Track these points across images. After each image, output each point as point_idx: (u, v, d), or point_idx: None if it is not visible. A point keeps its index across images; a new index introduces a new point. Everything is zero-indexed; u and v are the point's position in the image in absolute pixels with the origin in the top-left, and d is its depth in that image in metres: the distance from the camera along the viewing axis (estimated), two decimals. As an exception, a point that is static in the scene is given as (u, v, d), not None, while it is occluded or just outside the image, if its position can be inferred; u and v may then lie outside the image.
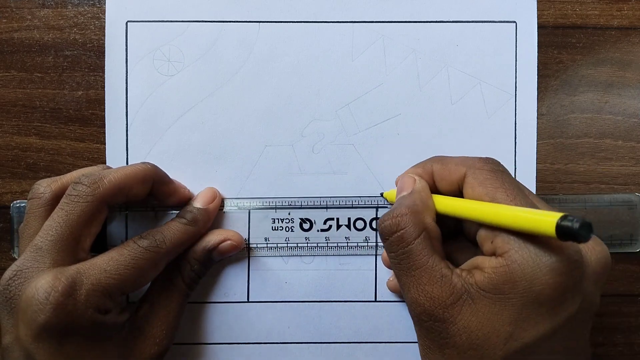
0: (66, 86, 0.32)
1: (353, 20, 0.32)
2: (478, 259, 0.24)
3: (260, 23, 0.32)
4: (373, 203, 0.32)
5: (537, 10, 0.32)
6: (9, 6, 0.32)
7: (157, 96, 0.32)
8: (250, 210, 0.32)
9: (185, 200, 0.31)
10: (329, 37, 0.32)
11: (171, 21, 0.32)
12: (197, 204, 0.30)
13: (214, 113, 0.32)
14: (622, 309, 0.32)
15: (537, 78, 0.32)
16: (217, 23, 0.32)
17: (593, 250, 0.24)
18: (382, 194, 0.32)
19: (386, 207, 0.32)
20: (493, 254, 0.23)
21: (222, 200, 0.32)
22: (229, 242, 0.30)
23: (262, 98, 0.32)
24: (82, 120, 0.32)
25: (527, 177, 0.32)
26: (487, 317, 0.22)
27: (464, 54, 0.32)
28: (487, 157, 0.26)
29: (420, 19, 0.32)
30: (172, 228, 0.29)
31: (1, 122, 0.32)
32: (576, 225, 0.19)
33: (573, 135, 0.32)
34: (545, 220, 0.20)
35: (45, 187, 0.28)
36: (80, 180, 0.27)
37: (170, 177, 0.31)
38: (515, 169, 0.32)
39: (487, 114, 0.32)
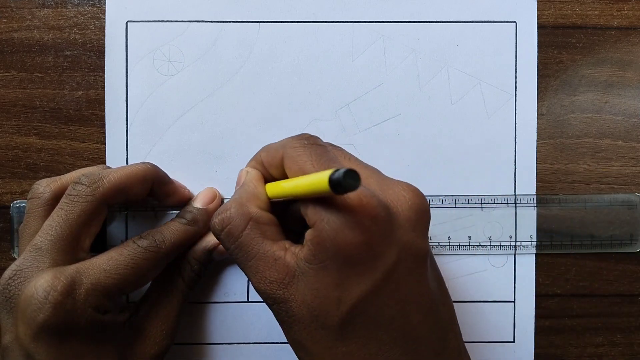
0: (66, 86, 0.32)
1: (353, 20, 0.32)
2: (306, 233, 0.24)
3: (260, 23, 0.32)
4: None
5: (537, 10, 0.32)
6: (9, 6, 0.32)
7: (157, 96, 0.32)
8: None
9: (185, 201, 0.31)
10: (329, 37, 0.32)
11: (171, 21, 0.32)
12: (197, 204, 0.30)
13: (214, 113, 0.32)
14: (622, 309, 0.32)
15: (537, 78, 0.32)
16: (217, 23, 0.32)
17: (403, 198, 0.24)
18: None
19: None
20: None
21: (222, 200, 0.32)
22: None
23: (262, 98, 0.32)
24: (82, 120, 0.32)
25: (527, 177, 0.32)
26: (317, 286, 0.23)
27: (464, 54, 0.32)
28: (301, 134, 0.26)
29: (420, 19, 0.32)
30: (172, 228, 0.29)
31: (1, 122, 0.32)
32: (341, 175, 0.20)
33: (573, 135, 0.32)
34: (320, 179, 0.21)
35: (44, 187, 0.28)
36: (80, 180, 0.27)
37: (170, 177, 0.31)
38: (515, 169, 0.32)
39: (487, 114, 0.32)
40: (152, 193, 0.30)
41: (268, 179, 0.27)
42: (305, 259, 0.23)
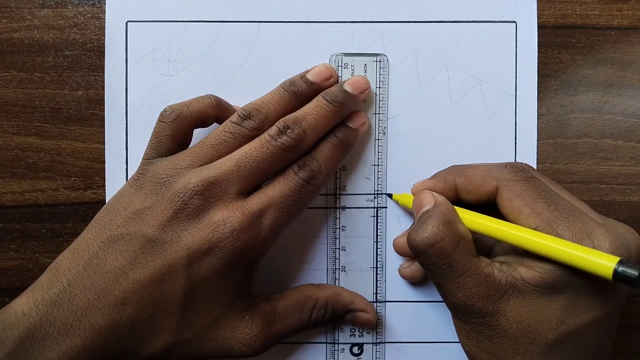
0: (66, 86, 0.32)
1: (353, 20, 0.32)
2: (521, 257, 0.25)
3: (260, 23, 0.32)
4: (373, 203, 0.32)
5: (537, 10, 0.32)
6: (9, 6, 0.32)
7: (157, 96, 0.32)
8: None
9: None
10: (329, 37, 0.32)
11: (171, 21, 0.32)
12: (348, 87, 0.29)
13: (214, 113, 0.32)
14: (622, 309, 0.32)
15: (537, 78, 0.32)
16: (217, 23, 0.32)
17: (632, 238, 0.24)
18: (391, 196, 0.32)
19: (385, 208, 0.32)
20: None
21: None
22: (367, 315, 0.30)
23: (262, 98, 0.32)
24: (82, 120, 0.32)
25: (527, 177, 0.32)
26: (539, 306, 0.24)
27: (464, 54, 0.32)
28: (512, 165, 0.26)
29: (420, 19, 0.32)
30: (325, 152, 0.28)
31: (1, 122, 0.32)
32: (634, 274, 0.21)
33: (573, 135, 0.32)
34: (602, 265, 0.22)
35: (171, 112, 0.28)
36: (249, 113, 0.28)
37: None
38: (515, 169, 0.32)
39: (487, 114, 0.32)
40: (219, 120, 0.30)
41: (454, 202, 0.27)
42: (527, 281, 0.24)
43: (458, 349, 0.32)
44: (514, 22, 0.32)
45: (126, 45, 0.32)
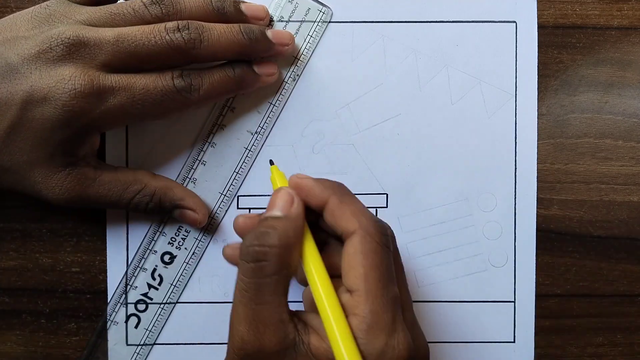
0: (66, 86, 0.32)
1: (353, 20, 0.32)
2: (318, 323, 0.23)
3: (260, 23, 0.32)
4: (373, 203, 0.32)
5: (537, 10, 0.32)
6: (9, 6, 0.32)
7: (157, 96, 0.32)
8: (250, 210, 0.32)
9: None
10: (329, 37, 0.32)
11: (171, 21, 0.32)
12: (269, 33, 0.28)
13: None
14: (622, 309, 0.32)
15: (537, 78, 0.32)
16: (217, 23, 0.32)
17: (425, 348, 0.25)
18: (271, 161, 0.29)
19: (384, 208, 0.32)
20: None
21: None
22: (195, 215, 0.30)
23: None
24: (82, 120, 0.32)
25: (527, 177, 0.32)
26: None
27: (464, 54, 0.32)
28: (382, 224, 0.24)
29: (420, 19, 0.32)
30: (215, 78, 0.28)
31: (1, 122, 0.32)
32: None
33: (573, 135, 0.32)
34: None
35: None
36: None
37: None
38: (515, 169, 0.32)
39: (487, 114, 0.32)
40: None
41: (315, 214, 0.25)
42: (313, 350, 0.22)
43: (458, 349, 0.32)
44: (514, 22, 0.32)
45: (126, 45, 0.32)
